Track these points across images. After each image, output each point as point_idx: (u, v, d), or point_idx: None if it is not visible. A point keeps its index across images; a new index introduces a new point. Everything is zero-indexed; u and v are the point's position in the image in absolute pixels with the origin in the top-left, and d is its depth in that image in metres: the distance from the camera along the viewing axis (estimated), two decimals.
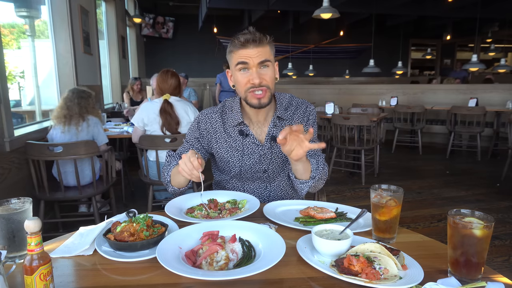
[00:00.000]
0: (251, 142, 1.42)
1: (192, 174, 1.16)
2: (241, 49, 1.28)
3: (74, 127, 2.84)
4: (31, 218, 0.74)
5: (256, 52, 1.27)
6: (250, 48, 1.26)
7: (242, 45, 1.27)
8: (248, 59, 1.27)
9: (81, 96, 2.93)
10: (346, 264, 0.84)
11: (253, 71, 1.28)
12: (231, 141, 1.42)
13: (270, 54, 1.31)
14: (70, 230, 1.13)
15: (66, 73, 4.05)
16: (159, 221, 1.07)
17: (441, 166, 5.41)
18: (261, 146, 1.42)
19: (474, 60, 6.62)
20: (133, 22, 8.36)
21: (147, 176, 2.85)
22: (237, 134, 1.42)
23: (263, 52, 1.28)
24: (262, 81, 1.29)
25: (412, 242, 1.04)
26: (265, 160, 1.43)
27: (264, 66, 1.29)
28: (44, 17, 3.99)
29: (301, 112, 1.47)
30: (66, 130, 2.83)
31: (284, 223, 1.12)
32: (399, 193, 1.04)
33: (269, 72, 1.30)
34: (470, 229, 0.82)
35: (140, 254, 0.94)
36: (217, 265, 0.87)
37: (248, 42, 1.26)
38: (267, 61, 1.29)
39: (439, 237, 2.72)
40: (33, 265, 0.74)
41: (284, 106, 1.46)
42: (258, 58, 1.27)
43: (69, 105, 2.87)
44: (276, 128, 1.43)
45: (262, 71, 1.29)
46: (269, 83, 1.31)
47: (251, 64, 1.28)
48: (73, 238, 1.04)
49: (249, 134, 1.41)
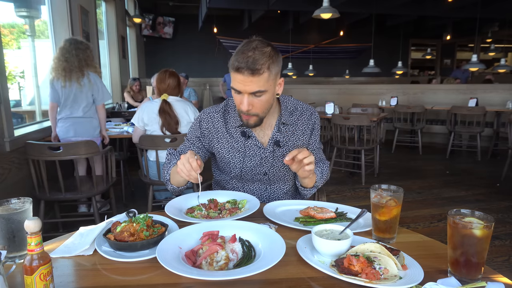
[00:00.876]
0: (253, 144, 1.40)
1: (190, 175, 1.15)
2: (236, 73, 1.21)
3: (75, 82, 2.77)
4: (31, 218, 0.74)
5: (249, 81, 1.19)
6: (245, 75, 1.19)
7: (236, 70, 1.20)
8: (240, 87, 1.22)
9: (78, 47, 2.84)
10: (346, 264, 0.84)
11: (244, 98, 1.23)
12: (233, 141, 1.41)
13: (267, 81, 1.22)
14: (70, 230, 1.13)
15: None
16: (159, 221, 1.07)
17: (441, 166, 5.41)
18: (263, 149, 1.41)
19: (474, 60, 6.62)
20: (133, 22, 8.36)
21: (147, 176, 2.84)
22: (239, 135, 1.40)
23: (258, 82, 1.20)
24: (251, 109, 1.26)
25: (412, 242, 1.04)
26: (266, 164, 1.43)
27: (257, 96, 1.23)
28: (44, 17, 3.99)
29: (306, 118, 1.45)
30: (67, 85, 2.76)
31: (284, 223, 1.12)
32: (399, 193, 1.04)
33: (262, 99, 1.25)
34: (470, 229, 0.82)
35: (140, 254, 0.94)
36: (217, 265, 0.87)
37: (243, 69, 1.18)
38: (260, 92, 1.22)
39: (439, 237, 2.72)
40: (33, 265, 0.74)
41: (289, 110, 1.44)
42: (251, 88, 1.21)
43: (67, 57, 2.79)
44: (280, 133, 1.41)
45: (254, 99, 1.24)
46: (259, 110, 1.27)
47: (243, 92, 1.23)
48: (73, 238, 1.04)
49: (251, 136, 1.40)
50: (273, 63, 1.22)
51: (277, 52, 1.25)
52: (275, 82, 1.27)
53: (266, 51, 1.20)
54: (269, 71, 1.21)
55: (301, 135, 1.45)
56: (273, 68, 1.22)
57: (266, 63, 1.19)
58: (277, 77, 1.27)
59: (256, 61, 1.18)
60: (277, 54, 1.24)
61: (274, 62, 1.22)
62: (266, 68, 1.20)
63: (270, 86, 1.24)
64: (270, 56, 1.21)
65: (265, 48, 1.21)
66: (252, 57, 1.18)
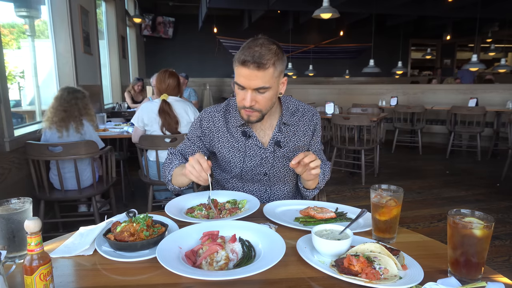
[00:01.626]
0: (253, 144, 1.40)
1: (200, 177, 1.15)
2: (241, 67, 1.21)
3: (74, 131, 2.66)
4: (31, 218, 0.74)
5: (254, 75, 1.20)
6: (250, 68, 1.19)
7: (242, 64, 1.20)
8: (245, 82, 1.22)
9: (77, 96, 2.72)
10: (346, 264, 0.84)
11: (247, 94, 1.24)
12: (234, 141, 1.41)
13: (271, 77, 1.23)
14: (70, 230, 1.13)
15: (66, 73, 4.04)
16: (159, 221, 1.07)
17: (441, 166, 5.41)
18: (263, 149, 1.40)
19: (474, 60, 6.62)
20: (133, 22, 8.36)
21: (147, 176, 2.84)
22: (240, 135, 1.40)
23: (263, 77, 1.21)
24: (255, 104, 1.26)
25: (412, 242, 1.04)
26: (267, 164, 1.42)
27: (261, 92, 1.24)
28: (44, 17, 3.99)
29: (307, 119, 1.46)
30: (64, 135, 2.64)
31: (284, 223, 1.12)
32: (399, 193, 1.04)
33: (266, 96, 1.25)
34: (470, 229, 0.82)
35: (140, 254, 0.94)
36: (217, 265, 0.87)
37: (249, 63, 1.19)
38: (265, 88, 1.23)
39: (439, 237, 2.72)
40: (33, 265, 0.74)
41: (290, 111, 1.44)
42: (255, 83, 1.21)
43: (66, 107, 2.66)
44: (281, 133, 1.41)
45: (257, 95, 1.25)
46: (262, 106, 1.28)
47: (247, 87, 1.23)
48: (73, 238, 1.04)
49: (252, 136, 1.40)
50: (278, 60, 1.23)
51: (282, 51, 1.26)
52: (279, 80, 1.29)
53: (272, 48, 1.22)
54: (274, 67, 1.22)
55: (302, 136, 1.45)
56: (278, 65, 1.24)
57: (272, 58, 1.21)
58: (281, 75, 1.29)
59: (263, 56, 1.19)
60: (282, 52, 1.26)
61: (279, 59, 1.24)
62: (272, 64, 1.21)
63: (274, 83, 1.25)
64: (276, 53, 1.22)
65: (271, 45, 1.23)
66: (258, 51, 1.19)
